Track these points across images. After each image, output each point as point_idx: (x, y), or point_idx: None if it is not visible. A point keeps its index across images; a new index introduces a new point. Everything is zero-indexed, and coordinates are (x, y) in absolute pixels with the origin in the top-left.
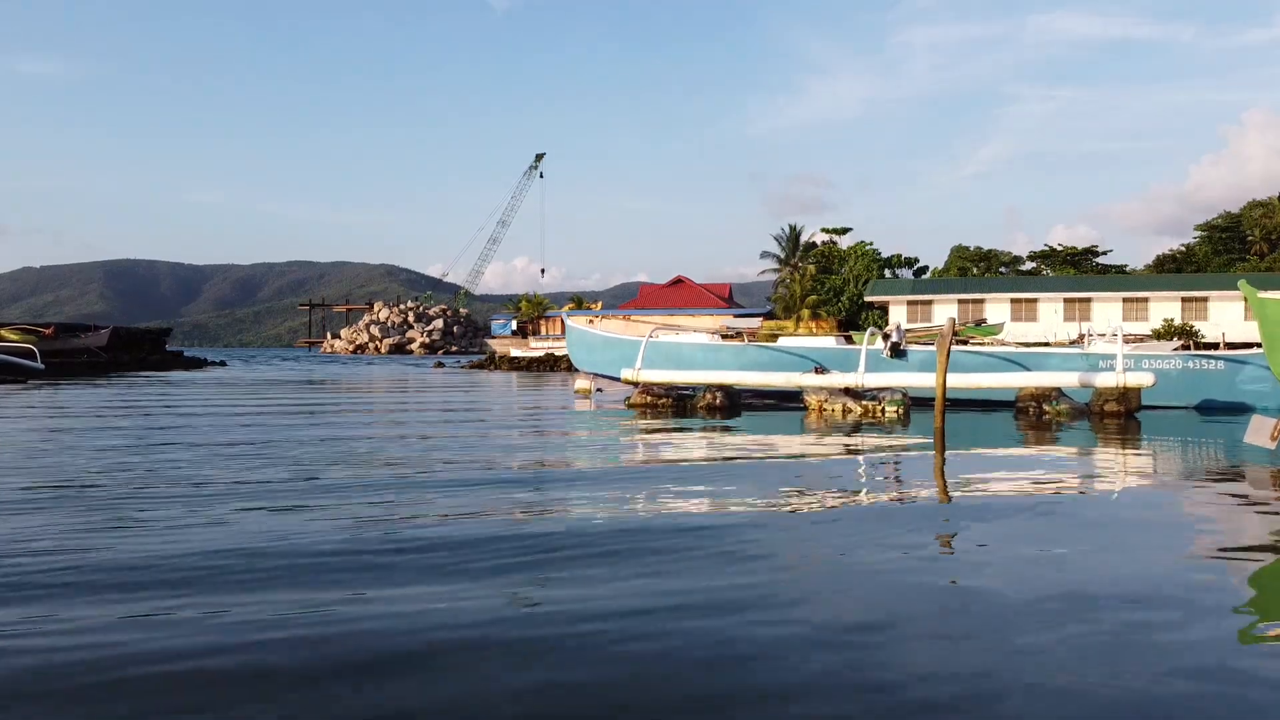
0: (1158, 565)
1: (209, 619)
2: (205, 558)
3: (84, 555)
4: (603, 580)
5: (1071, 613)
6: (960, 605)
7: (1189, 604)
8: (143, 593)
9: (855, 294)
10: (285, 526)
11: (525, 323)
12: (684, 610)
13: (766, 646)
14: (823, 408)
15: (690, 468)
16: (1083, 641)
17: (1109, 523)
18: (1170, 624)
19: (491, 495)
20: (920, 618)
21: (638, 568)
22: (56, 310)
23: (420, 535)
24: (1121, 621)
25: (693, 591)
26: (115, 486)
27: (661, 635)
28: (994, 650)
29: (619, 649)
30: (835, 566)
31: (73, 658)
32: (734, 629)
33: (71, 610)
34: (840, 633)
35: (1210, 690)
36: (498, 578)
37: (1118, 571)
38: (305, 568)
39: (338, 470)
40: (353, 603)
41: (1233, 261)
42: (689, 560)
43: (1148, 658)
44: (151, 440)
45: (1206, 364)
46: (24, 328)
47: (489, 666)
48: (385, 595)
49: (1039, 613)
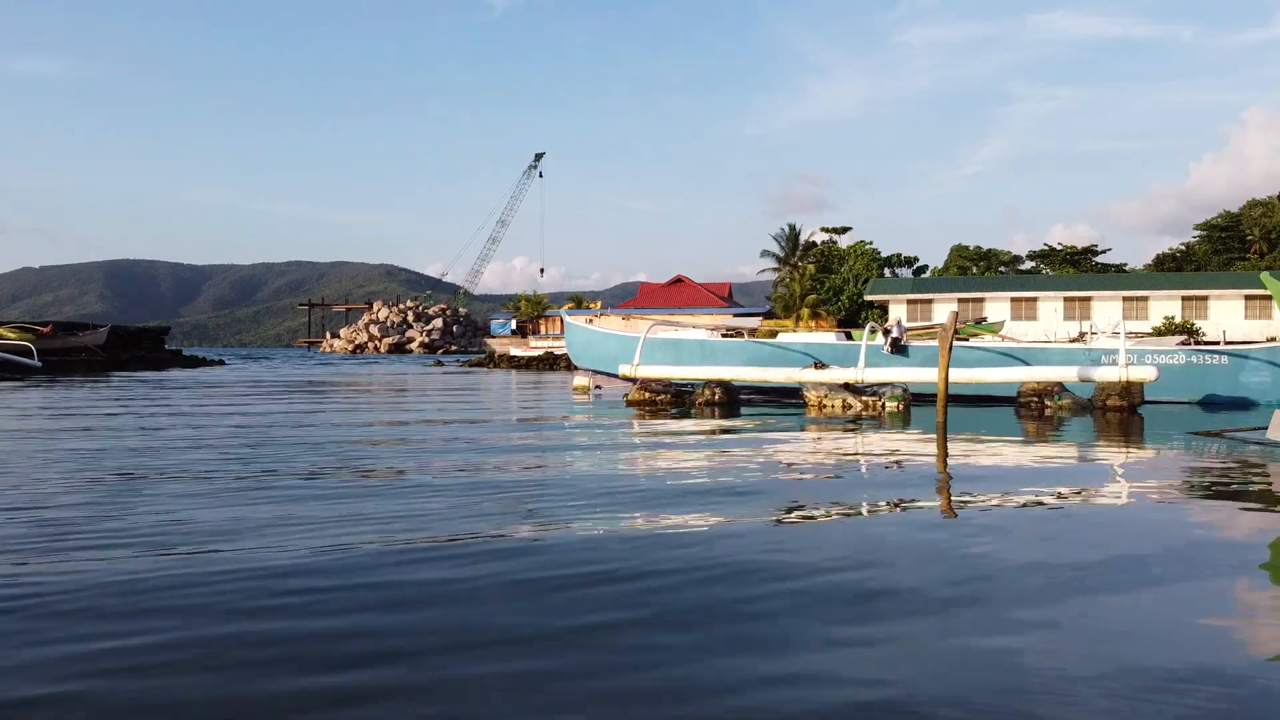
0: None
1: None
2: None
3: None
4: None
5: (1075, 605)
6: (971, 592)
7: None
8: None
9: (855, 293)
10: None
11: (525, 322)
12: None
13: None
14: (822, 403)
15: (688, 472)
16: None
17: (1115, 523)
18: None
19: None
20: (923, 633)
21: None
22: (56, 310)
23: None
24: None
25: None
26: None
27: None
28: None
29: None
30: (837, 574)
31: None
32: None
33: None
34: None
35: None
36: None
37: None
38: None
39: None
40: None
41: (1232, 260)
42: (686, 580)
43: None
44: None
45: (1210, 359)
46: (22, 326)
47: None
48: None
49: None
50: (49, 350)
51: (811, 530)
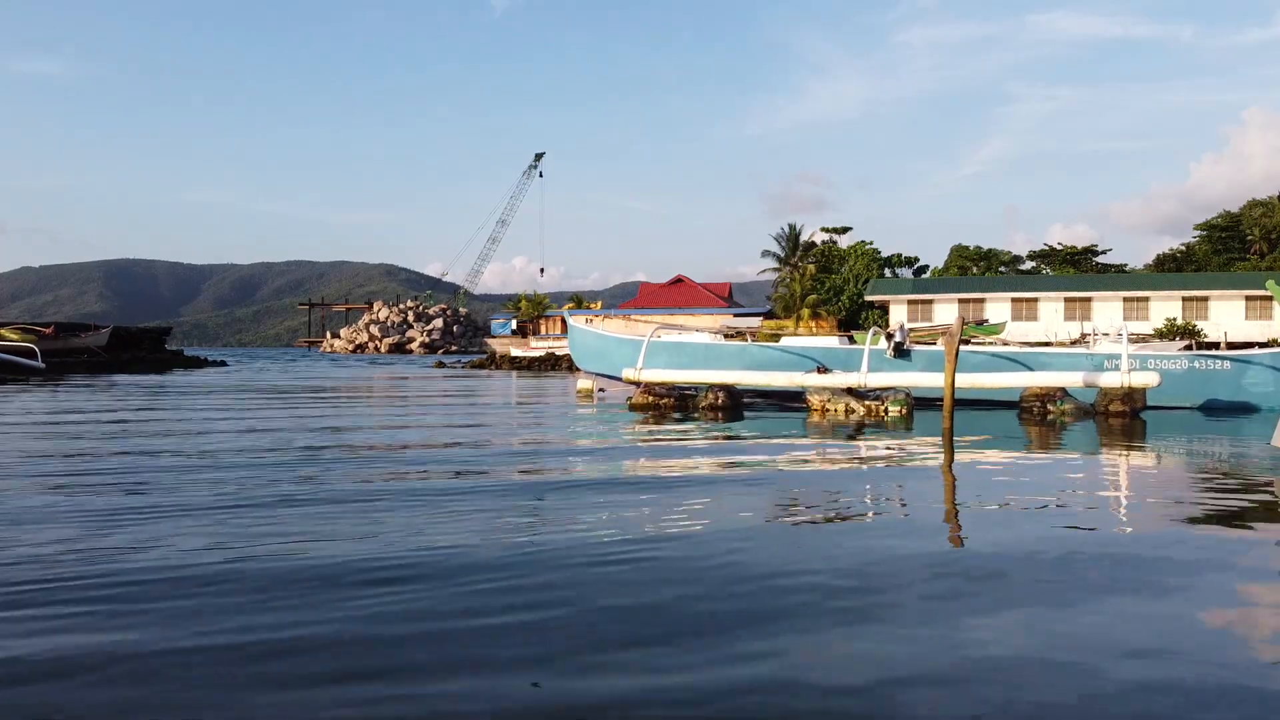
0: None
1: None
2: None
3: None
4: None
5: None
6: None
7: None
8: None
9: (855, 293)
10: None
11: (525, 322)
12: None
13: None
14: (825, 408)
15: (689, 476)
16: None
17: (1129, 544)
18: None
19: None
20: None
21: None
22: (55, 309)
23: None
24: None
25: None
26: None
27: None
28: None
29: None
30: (840, 583)
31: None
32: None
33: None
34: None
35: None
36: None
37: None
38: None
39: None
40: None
41: (1232, 261)
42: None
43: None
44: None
45: (1212, 364)
46: (25, 327)
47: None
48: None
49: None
50: (51, 351)
51: (817, 539)
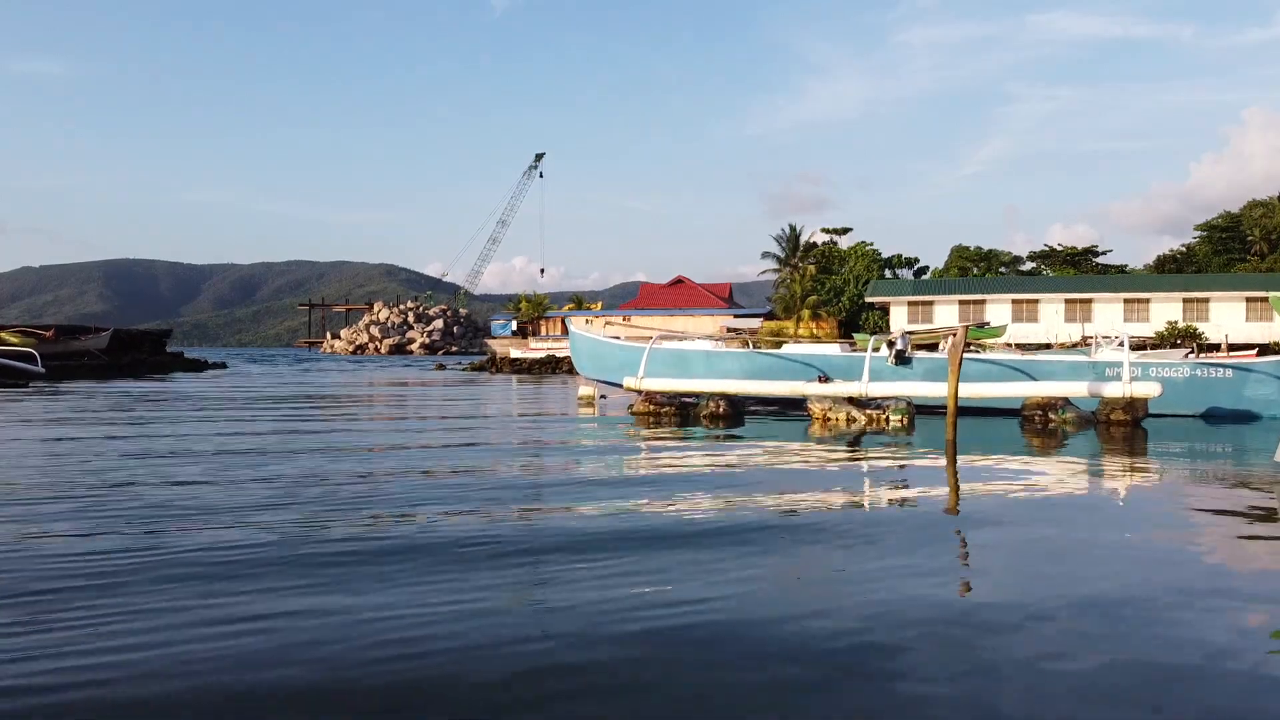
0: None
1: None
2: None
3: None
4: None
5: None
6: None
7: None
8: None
9: (855, 294)
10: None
11: (525, 323)
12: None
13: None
14: (827, 417)
15: (691, 476)
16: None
17: (1137, 554)
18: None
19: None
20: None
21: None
22: (55, 309)
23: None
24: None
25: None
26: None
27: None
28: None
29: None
30: (840, 595)
31: None
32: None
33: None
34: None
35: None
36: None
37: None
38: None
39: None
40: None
41: (1233, 261)
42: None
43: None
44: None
45: (1214, 372)
46: (24, 330)
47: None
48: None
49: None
50: (51, 354)
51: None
